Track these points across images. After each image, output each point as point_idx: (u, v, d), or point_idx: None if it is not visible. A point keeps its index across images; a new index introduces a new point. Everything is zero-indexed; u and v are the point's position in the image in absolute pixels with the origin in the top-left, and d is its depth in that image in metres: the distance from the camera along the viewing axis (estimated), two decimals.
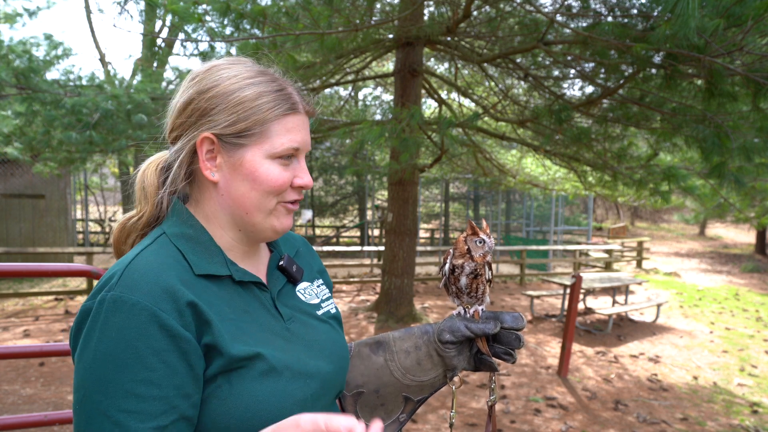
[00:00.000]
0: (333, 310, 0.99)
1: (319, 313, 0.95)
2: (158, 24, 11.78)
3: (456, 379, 1.00)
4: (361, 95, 13.97)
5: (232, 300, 0.80)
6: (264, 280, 0.90)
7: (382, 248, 8.16)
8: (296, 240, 1.06)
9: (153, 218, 0.87)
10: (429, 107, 12.31)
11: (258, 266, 0.91)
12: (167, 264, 0.76)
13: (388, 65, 12.42)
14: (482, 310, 0.98)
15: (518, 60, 5.48)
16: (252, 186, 0.82)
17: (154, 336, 0.69)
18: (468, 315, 0.98)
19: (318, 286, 1.00)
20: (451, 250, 1.00)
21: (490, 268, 0.99)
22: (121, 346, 0.68)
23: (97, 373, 0.68)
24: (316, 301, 0.96)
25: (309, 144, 0.88)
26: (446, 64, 8.68)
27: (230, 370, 0.74)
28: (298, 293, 0.94)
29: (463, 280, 0.96)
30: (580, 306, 7.84)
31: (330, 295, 1.03)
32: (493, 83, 7.06)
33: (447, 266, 0.98)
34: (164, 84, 8.95)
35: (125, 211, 14.24)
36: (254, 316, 0.82)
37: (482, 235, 0.95)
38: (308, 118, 0.89)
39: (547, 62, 5.37)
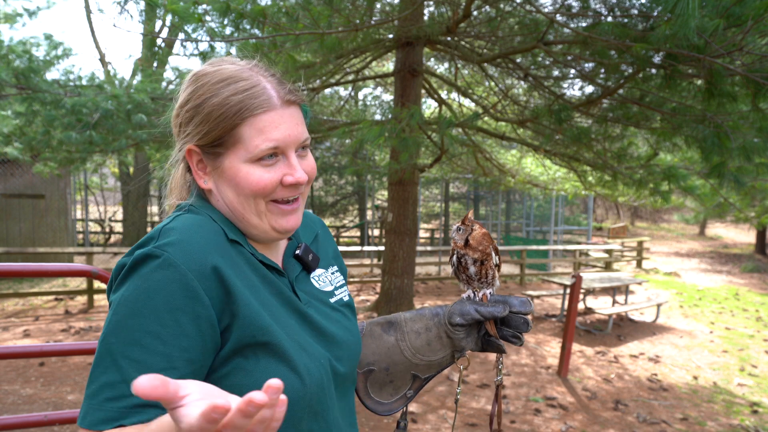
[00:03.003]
0: (346, 298, 1.01)
1: (332, 300, 0.96)
2: (158, 24, 11.77)
3: (463, 360, 1.03)
4: (361, 95, 13.97)
5: (257, 268, 0.82)
6: (281, 266, 0.92)
7: (382, 248, 8.15)
8: (315, 223, 1.07)
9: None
10: (429, 107, 12.31)
11: (275, 254, 0.93)
12: (204, 225, 0.78)
13: (388, 65, 12.42)
14: (490, 293, 1.01)
15: (518, 60, 5.48)
16: (236, 191, 0.82)
17: (173, 293, 0.70)
18: (477, 298, 1.00)
19: (332, 273, 1.01)
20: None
21: (497, 254, 1.02)
22: (142, 295, 0.70)
23: (116, 316, 0.71)
24: (329, 288, 0.97)
25: (295, 137, 0.82)
26: (446, 64, 8.68)
27: (257, 343, 0.75)
28: (312, 280, 0.95)
29: (472, 269, 1.00)
30: (580, 306, 7.84)
31: (344, 282, 1.04)
32: (493, 83, 7.06)
33: (454, 258, 1.02)
34: (164, 84, 8.95)
35: (125, 211, 14.23)
36: (276, 289, 0.84)
37: (458, 224, 1.02)
38: (293, 108, 0.84)
39: (547, 62, 5.37)
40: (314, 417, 0.81)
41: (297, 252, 0.94)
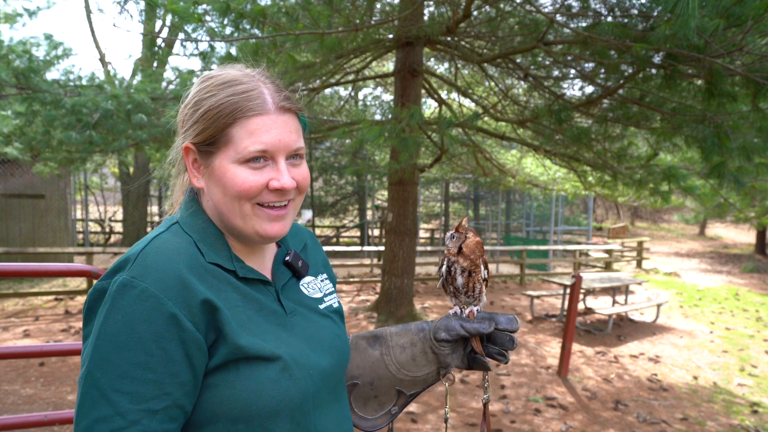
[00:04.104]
0: (335, 305, 1.00)
1: (321, 307, 0.96)
2: (158, 24, 11.78)
3: (449, 376, 1.02)
4: (361, 95, 13.97)
5: (239, 288, 0.83)
6: (270, 274, 0.92)
7: (382, 248, 8.15)
8: (304, 234, 1.08)
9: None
10: (429, 107, 12.31)
11: (264, 261, 0.93)
12: (180, 250, 0.78)
13: (388, 65, 12.42)
14: (477, 310, 1.00)
15: (518, 60, 5.48)
16: (223, 191, 0.82)
17: (156, 322, 0.71)
18: (463, 314, 1.00)
19: (322, 281, 1.02)
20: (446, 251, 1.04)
21: (486, 267, 1.01)
22: (124, 328, 0.70)
23: (99, 352, 0.71)
24: (318, 295, 0.98)
25: (286, 143, 0.82)
26: (446, 64, 8.68)
27: (238, 358, 0.76)
28: (301, 287, 0.95)
29: (460, 280, 0.99)
30: (580, 306, 7.84)
31: (333, 289, 1.04)
32: (493, 83, 7.06)
33: (444, 267, 1.01)
34: (164, 84, 8.95)
35: (125, 211, 14.23)
36: (259, 305, 0.84)
37: (452, 231, 1.01)
38: (288, 116, 0.84)
39: (547, 62, 5.37)
40: (297, 427, 0.81)
41: (287, 258, 0.94)
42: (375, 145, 5.29)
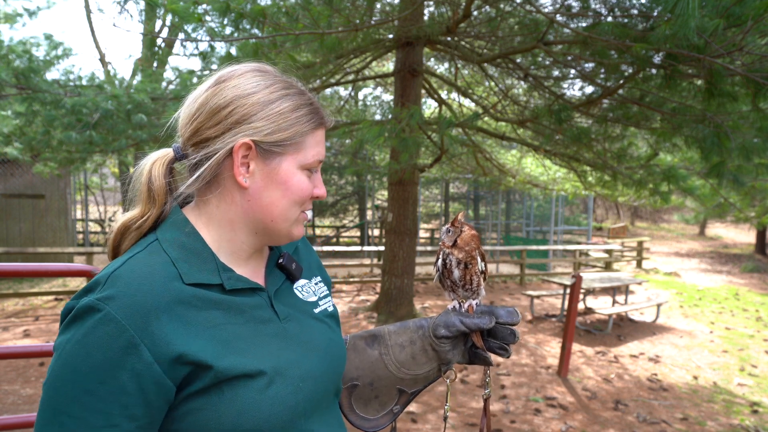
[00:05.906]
0: (330, 308, 0.99)
1: (316, 311, 0.94)
2: (158, 24, 11.78)
3: (450, 372, 1.01)
4: (361, 95, 13.98)
5: (223, 303, 0.79)
6: (263, 278, 0.90)
7: (382, 248, 8.16)
8: None
9: (159, 220, 0.86)
10: (429, 107, 12.32)
11: (259, 265, 0.91)
12: (153, 274, 0.75)
13: (388, 65, 12.43)
14: (477, 304, 0.98)
15: (518, 60, 5.49)
16: (283, 194, 0.84)
17: (113, 350, 0.69)
18: (462, 309, 0.98)
19: (316, 284, 1.00)
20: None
21: (483, 259, 0.99)
22: (81, 352, 0.69)
23: (57, 371, 0.70)
24: (313, 299, 0.96)
25: (324, 156, 0.91)
26: (446, 64, 8.69)
27: (221, 381, 0.74)
28: (295, 290, 0.94)
29: (456, 273, 0.97)
30: (580, 306, 7.84)
31: (328, 292, 1.02)
32: (493, 83, 7.06)
33: (439, 260, 1.00)
34: (164, 84, 8.95)
35: (125, 211, 14.22)
36: (248, 317, 0.81)
37: (447, 225, 1.00)
38: None
39: (547, 62, 5.37)
40: None
41: (280, 261, 0.93)
42: (375, 145, 5.29)
